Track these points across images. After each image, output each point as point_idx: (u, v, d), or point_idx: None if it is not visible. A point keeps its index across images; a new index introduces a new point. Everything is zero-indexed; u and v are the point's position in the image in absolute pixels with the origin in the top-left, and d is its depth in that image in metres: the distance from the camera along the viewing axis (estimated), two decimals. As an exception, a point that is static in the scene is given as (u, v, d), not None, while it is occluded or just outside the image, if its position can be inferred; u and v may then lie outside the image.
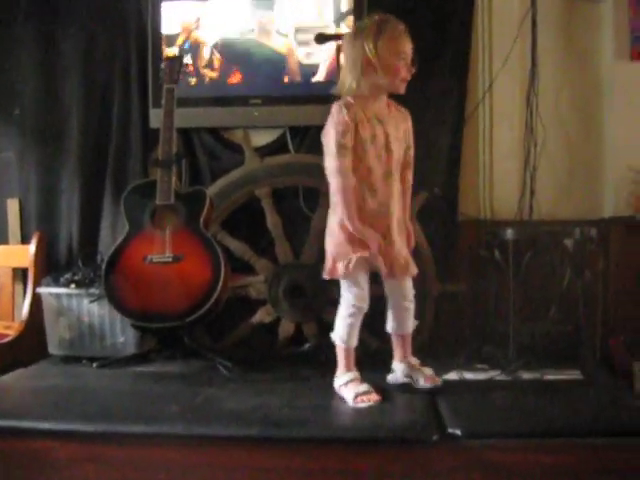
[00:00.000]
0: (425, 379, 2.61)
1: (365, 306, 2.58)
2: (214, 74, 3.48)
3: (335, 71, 3.17)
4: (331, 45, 3.29)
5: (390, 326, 2.70)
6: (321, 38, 3.20)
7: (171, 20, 3.48)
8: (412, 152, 2.68)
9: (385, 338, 3.19)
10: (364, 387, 2.50)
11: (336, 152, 2.50)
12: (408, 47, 2.53)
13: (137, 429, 2.20)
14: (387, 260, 2.55)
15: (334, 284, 3.22)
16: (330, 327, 3.27)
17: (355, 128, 2.50)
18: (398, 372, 2.70)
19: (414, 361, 2.69)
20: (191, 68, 3.45)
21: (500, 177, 3.54)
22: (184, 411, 2.32)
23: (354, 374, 2.57)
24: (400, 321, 2.67)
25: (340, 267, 2.55)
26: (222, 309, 3.05)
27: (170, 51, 3.44)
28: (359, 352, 2.66)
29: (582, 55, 3.51)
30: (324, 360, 3.04)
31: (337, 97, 2.60)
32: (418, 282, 2.74)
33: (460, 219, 3.48)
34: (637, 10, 3.41)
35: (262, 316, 3.36)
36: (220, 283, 2.92)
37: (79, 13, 3.59)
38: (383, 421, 2.25)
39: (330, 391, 2.56)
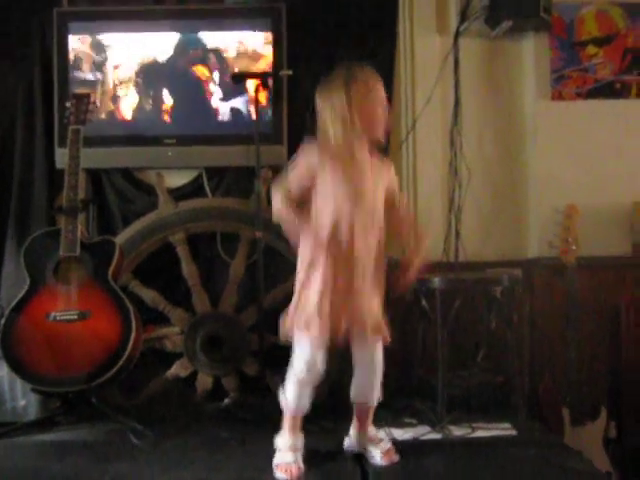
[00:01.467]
0: (382, 456, 2.43)
1: (314, 376, 2.35)
2: (126, 111, 3.28)
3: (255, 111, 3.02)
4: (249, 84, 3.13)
5: (353, 394, 2.47)
6: (238, 77, 3.06)
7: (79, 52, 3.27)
8: (398, 197, 2.51)
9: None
10: (289, 458, 2.33)
11: (279, 184, 2.39)
12: (378, 89, 2.39)
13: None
14: (353, 316, 2.32)
15: (254, 333, 3.10)
16: (250, 381, 3.15)
17: (323, 173, 2.34)
18: (354, 441, 2.51)
19: (373, 433, 2.50)
20: (99, 104, 3.22)
21: (425, 217, 3.44)
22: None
23: (290, 440, 2.37)
24: (364, 391, 2.44)
25: (297, 321, 2.33)
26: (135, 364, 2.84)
27: (77, 88, 3.21)
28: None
29: (505, 95, 3.49)
30: (244, 418, 2.89)
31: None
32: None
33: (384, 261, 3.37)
34: (558, 51, 3.40)
35: (178, 370, 3.17)
36: (131, 340, 2.73)
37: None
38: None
39: (249, 461, 2.38)
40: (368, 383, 2.43)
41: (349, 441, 2.54)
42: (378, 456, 2.44)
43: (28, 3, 3.37)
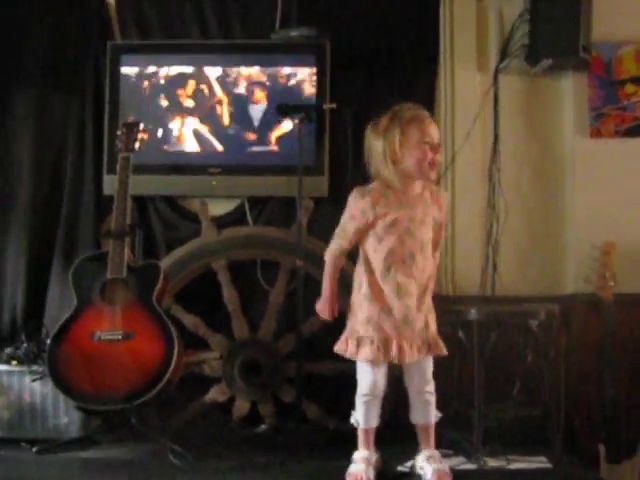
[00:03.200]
0: (433, 474, 2.49)
1: (378, 393, 2.52)
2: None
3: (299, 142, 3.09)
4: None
5: (412, 416, 2.60)
6: (284, 108, 3.14)
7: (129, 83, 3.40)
8: (443, 232, 2.68)
9: (344, 419, 3.07)
10: (361, 467, 2.48)
11: (335, 233, 2.59)
12: (430, 130, 2.50)
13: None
14: (405, 341, 2.48)
15: (292, 362, 3.14)
16: (286, 408, 3.17)
17: (375, 212, 2.50)
18: (417, 462, 2.62)
19: (434, 454, 2.57)
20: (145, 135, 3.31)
21: (462, 251, 3.48)
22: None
23: (363, 453, 2.53)
24: (419, 411, 2.58)
25: (350, 346, 2.53)
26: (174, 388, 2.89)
27: (128, 117, 3.32)
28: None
29: (543, 131, 3.52)
30: (281, 443, 2.92)
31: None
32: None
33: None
34: (596, 89, 3.44)
35: (216, 394, 3.21)
36: (173, 363, 2.77)
37: (33, 73, 3.49)
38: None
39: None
40: (422, 402, 2.56)
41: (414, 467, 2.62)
42: (430, 473, 2.50)
43: (82, 36, 3.50)
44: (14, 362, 2.98)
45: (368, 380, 2.51)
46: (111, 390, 2.73)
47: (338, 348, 2.57)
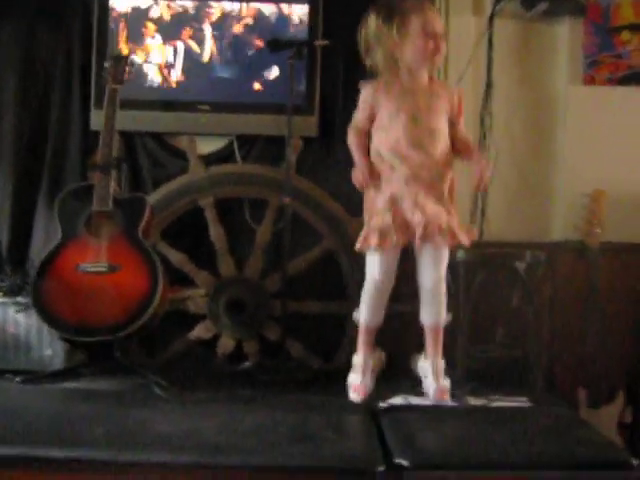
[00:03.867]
0: (435, 391, 2.57)
1: (385, 284, 2.58)
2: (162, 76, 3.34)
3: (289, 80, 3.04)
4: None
5: (421, 316, 2.65)
6: (274, 44, 3.08)
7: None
8: (461, 129, 2.71)
9: (328, 358, 3.11)
10: (359, 377, 2.59)
11: (351, 125, 2.66)
12: (435, 22, 2.56)
13: (59, 454, 2.00)
14: (416, 224, 2.51)
15: (277, 301, 3.14)
16: (271, 346, 3.19)
17: (377, 101, 2.60)
18: (420, 369, 2.68)
19: (440, 366, 2.63)
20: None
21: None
22: (111, 434, 2.14)
23: (362, 358, 2.63)
24: (427, 308, 2.62)
25: (360, 239, 2.58)
26: (158, 324, 2.89)
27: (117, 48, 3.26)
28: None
29: (536, 77, 3.48)
30: (265, 379, 2.93)
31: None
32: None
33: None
34: (591, 36, 3.40)
35: (200, 331, 3.21)
36: (158, 296, 2.76)
37: (17, 3, 3.39)
38: (326, 450, 2.10)
39: (272, 414, 2.41)
40: (433, 299, 2.60)
41: (415, 363, 2.70)
42: (432, 390, 2.56)
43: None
44: (-2, 293, 2.96)
45: (375, 270, 2.56)
46: (95, 322, 2.73)
47: (357, 247, 2.60)
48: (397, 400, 2.68)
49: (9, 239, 3.32)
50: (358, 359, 2.65)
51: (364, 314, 2.64)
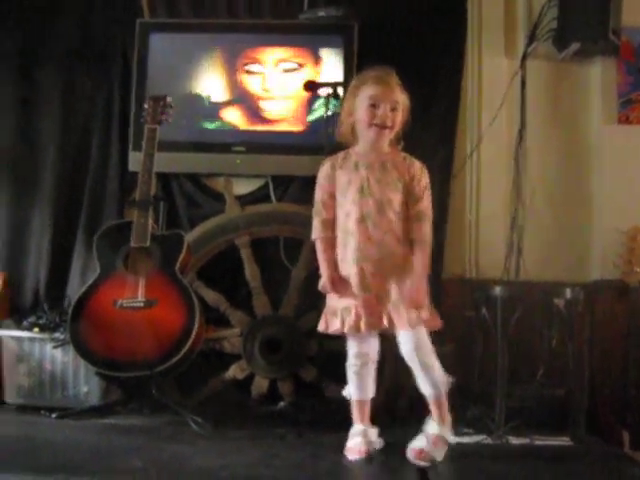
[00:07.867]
0: (411, 450, 2.38)
1: (363, 362, 2.47)
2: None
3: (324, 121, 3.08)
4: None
5: (420, 387, 2.47)
6: (310, 85, 3.13)
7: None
8: (419, 206, 2.47)
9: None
10: (358, 441, 2.41)
11: (313, 212, 2.55)
12: (379, 92, 2.45)
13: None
14: (364, 309, 2.38)
15: (312, 340, 3.12)
16: (306, 386, 3.15)
17: (335, 175, 2.50)
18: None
19: (430, 428, 2.43)
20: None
21: (487, 235, 3.46)
22: (148, 467, 2.13)
23: (357, 428, 2.48)
24: (421, 381, 2.43)
25: (321, 321, 2.50)
26: (193, 362, 2.88)
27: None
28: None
29: (570, 117, 3.50)
30: (300, 419, 2.89)
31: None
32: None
33: (445, 278, 3.37)
34: (624, 75, 3.41)
35: (235, 372, 3.18)
36: (194, 332, 2.76)
37: (59, 48, 3.51)
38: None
39: (307, 450, 2.38)
40: (421, 372, 2.42)
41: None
42: (409, 448, 2.39)
43: (111, 14, 3.53)
44: (36, 329, 2.98)
45: (351, 350, 2.48)
46: (132, 357, 2.73)
47: (319, 327, 2.52)
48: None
49: (47, 276, 3.37)
50: (355, 429, 2.49)
51: (353, 389, 2.51)
